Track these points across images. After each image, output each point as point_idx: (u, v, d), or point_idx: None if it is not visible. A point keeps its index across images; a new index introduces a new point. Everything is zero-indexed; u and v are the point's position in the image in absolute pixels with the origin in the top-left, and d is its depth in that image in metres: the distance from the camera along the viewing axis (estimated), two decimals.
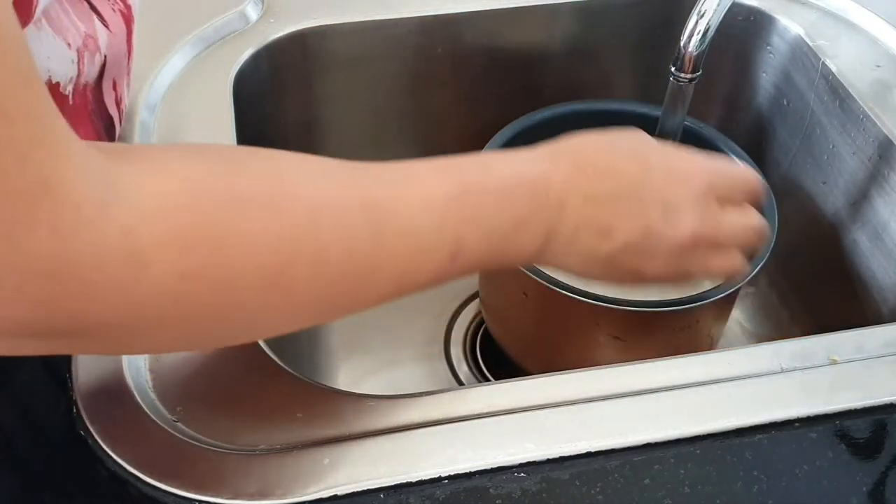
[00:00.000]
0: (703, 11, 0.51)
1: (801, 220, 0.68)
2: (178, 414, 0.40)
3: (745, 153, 0.60)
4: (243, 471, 0.38)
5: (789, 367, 0.43)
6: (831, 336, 0.45)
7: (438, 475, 0.38)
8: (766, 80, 0.71)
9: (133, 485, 0.38)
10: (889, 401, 0.42)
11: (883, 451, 0.40)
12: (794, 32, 0.67)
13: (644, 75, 0.74)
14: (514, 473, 0.38)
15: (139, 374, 0.42)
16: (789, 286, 0.72)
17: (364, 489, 0.37)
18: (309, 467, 0.38)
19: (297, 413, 0.40)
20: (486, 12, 0.68)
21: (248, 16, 0.66)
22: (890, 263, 0.59)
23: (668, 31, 0.69)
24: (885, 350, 0.44)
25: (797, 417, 0.41)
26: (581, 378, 0.43)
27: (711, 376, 0.42)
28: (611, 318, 0.51)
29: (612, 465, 0.39)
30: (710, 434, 0.40)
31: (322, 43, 0.66)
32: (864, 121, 0.60)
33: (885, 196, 0.59)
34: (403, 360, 0.69)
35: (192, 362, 0.43)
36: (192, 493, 0.37)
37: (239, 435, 0.39)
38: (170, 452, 0.39)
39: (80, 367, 0.42)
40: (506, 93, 0.72)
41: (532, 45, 0.71)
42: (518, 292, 0.54)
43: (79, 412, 0.40)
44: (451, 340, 0.70)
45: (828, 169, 0.65)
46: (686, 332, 0.53)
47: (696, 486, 0.38)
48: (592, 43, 0.72)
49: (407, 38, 0.68)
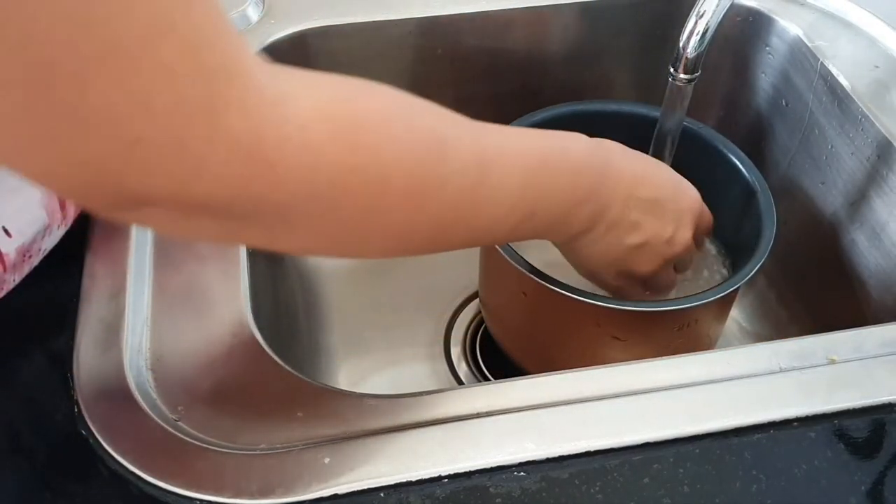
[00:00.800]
0: (702, 12, 0.51)
1: (799, 221, 0.68)
2: (178, 413, 0.41)
3: (744, 154, 0.60)
4: (244, 470, 0.38)
5: (788, 366, 0.43)
6: (830, 336, 0.45)
7: (438, 474, 0.38)
8: (764, 81, 0.71)
9: (134, 484, 0.38)
10: (887, 400, 0.42)
11: (881, 451, 0.40)
12: (793, 33, 0.67)
13: (644, 75, 0.74)
14: (514, 472, 0.38)
15: (140, 374, 0.42)
16: (788, 286, 0.72)
17: (364, 488, 0.38)
18: (309, 466, 0.38)
19: (298, 412, 0.41)
20: (485, 13, 0.68)
21: (248, 17, 0.66)
22: (888, 263, 0.59)
23: (667, 32, 0.69)
24: (883, 350, 0.44)
25: (796, 417, 0.41)
26: (581, 378, 0.43)
27: (710, 376, 0.43)
28: (610, 318, 0.51)
29: (611, 464, 0.39)
30: (709, 433, 0.40)
31: (322, 44, 0.66)
32: (862, 121, 0.60)
33: (883, 196, 0.59)
34: (403, 360, 0.69)
35: (193, 362, 0.43)
36: (193, 493, 0.37)
37: (240, 434, 0.40)
38: (171, 451, 0.39)
39: (82, 367, 0.42)
40: (506, 93, 0.72)
41: (532, 46, 0.71)
42: (518, 292, 0.55)
43: (80, 411, 0.40)
44: (451, 340, 0.70)
45: (826, 169, 0.65)
46: (685, 332, 0.53)
47: (695, 485, 0.38)
48: (592, 43, 0.72)
49: (407, 39, 0.68)
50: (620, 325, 0.52)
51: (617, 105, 0.63)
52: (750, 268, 0.52)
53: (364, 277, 0.75)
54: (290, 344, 0.63)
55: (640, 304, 0.51)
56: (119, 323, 0.45)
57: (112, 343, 0.44)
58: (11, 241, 0.43)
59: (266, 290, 0.57)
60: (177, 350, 0.44)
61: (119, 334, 0.44)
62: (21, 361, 0.44)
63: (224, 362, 0.43)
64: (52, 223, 0.46)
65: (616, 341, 0.53)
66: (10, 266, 0.43)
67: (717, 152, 0.60)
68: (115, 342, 0.44)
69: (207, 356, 0.44)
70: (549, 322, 0.55)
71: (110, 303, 0.46)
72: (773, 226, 0.55)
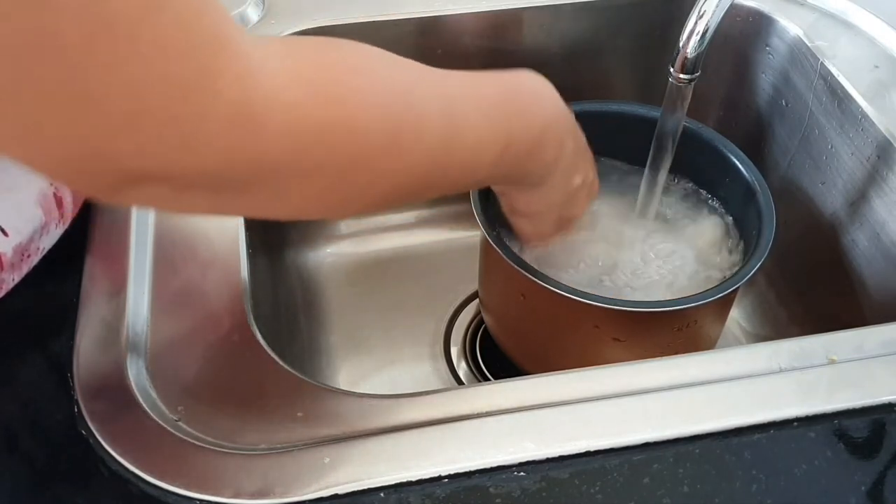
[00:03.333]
0: (702, 12, 0.51)
1: (799, 221, 0.68)
2: (179, 413, 0.41)
3: (744, 154, 0.60)
4: (244, 470, 0.38)
5: (788, 366, 0.43)
6: (830, 336, 0.45)
7: (438, 474, 0.38)
8: (764, 81, 0.71)
9: (134, 484, 0.38)
10: (887, 400, 0.42)
11: (881, 451, 0.40)
12: (793, 33, 0.67)
13: (644, 75, 0.74)
14: (514, 472, 0.38)
15: (140, 374, 0.42)
16: (788, 286, 0.72)
17: (364, 488, 0.38)
18: (309, 466, 0.38)
19: (298, 412, 0.41)
20: (485, 13, 0.68)
21: (248, 17, 0.66)
22: (888, 263, 0.59)
23: (667, 32, 0.69)
24: (883, 350, 0.44)
25: (796, 417, 0.41)
26: (581, 378, 0.43)
27: (710, 376, 0.43)
28: (610, 318, 0.51)
29: (611, 464, 0.39)
30: (709, 433, 0.40)
31: None
32: (862, 121, 0.60)
33: (883, 196, 0.59)
34: (403, 360, 0.69)
35: (193, 362, 0.43)
36: (193, 493, 0.37)
37: (240, 434, 0.40)
38: (171, 451, 0.39)
39: (82, 367, 0.42)
40: None
41: (532, 46, 0.71)
42: (516, 294, 0.55)
43: (80, 411, 0.40)
44: (451, 340, 0.70)
45: (826, 169, 0.65)
46: (685, 333, 0.53)
47: (694, 485, 0.38)
48: (592, 43, 0.72)
49: (407, 38, 0.68)
50: (620, 326, 0.52)
51: (617, 105, 0.63)
52: (750, 268, 0.52)
53: (364, 277, 0.75)
54: (290, 344, 0.63)
55: (639, 304, 0.51)
56: (119, 323, 0.45)
57: (112, 343, 0.44)
58: (8, 240, 0.43)
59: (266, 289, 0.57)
60: (177, 350, 0.44)
61: (119, 334, 0.44)
62: (21, 361, 0.44)
63: (224, 362, 0.43)
64: (49, 221, 0.46)
65: (616, 342, 0.53)
66: (7, 265, 0.43)
67: (717, 152, 0.60)
68: (115, 342, 0.44)
69: (207, 356, 0.44)
70: (548, 323, 0.55)
71: (110, 303, 0.46)
72: (773, 226, 0.55)
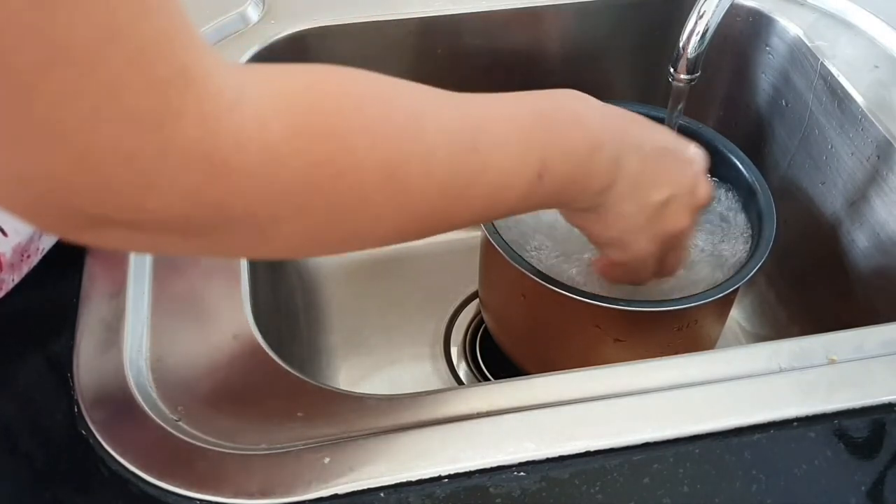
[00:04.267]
0: (702, 12, 0.51)
1: (799, 221, 0.68)
2: (179, 413, 0.41)
3: (744, 154, 0.60)
4: (244, 470, 0.38)
5: (788, 366, 0.43)
6: (830, 336, 0.45)
7: (438, 474, 0.38)
8: (764, 81, 0.71)
9: (134, 484, 0.38)
10: (887, 400, 0.42)
11: (881, 451, 0.40)
12: (793, 33, 0.67)
13: (644, 75, 0.74)
14: (514, 472, 0.38)
15: (140, 374, 0.42)
16: (788, 286, 0.72)
17: (364, 488, 0.38)
18: (309, 466, 0.38)
19: (298, 412, 0.41)
20: (485, 13, 0.68)
21: (248, 17, 0.66)
22: (888, 263, 0.59)
23: (667, 32, 0.69)
24: (883, 350, 0.44)
25: (796, 417, 0.41)
26: (581, 378, 0.43)
27: (710, 376, 0.43)
28: (610, 318, 0.51)
29: (611, 464, 0.39)
30: (709, 433, 0.40)
31: (323, 44, 0.67)
32: (862, 121, 0.60)
33: (883, 196, 0.59)
34: (403, 360, 0.69)
35: (193, 362, 0.43)
36: (193, 493, 0.37)
37: (240, 434, 0.40)
38: (171, 451, 0.39)
39: (82, 367, 0.42)
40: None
41: (532, 46, 0.71)
42: (517, 293, 0.55)
43: (80, 411, 0.40)
44: (451, 340, 0.70)
45: (826, 169, 0.65)
46: (685, 333, 0.53)
47: (694, 485, 0.38)
48: (592, 43, 0.72)
49: (407, 38, 0.68)
50: (620, 326, 0.52)
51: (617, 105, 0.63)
52: (750, 268, 0.52)
53: (364, 277, 0.75)
54: (290, 344, 0.63)
55: (639, 304, 0.51)
56: (119, 323, 0.45)
57: (112, 343, 0.44)
58: (7, 240, 0.43)
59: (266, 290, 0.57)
60: (177, 350, 0.44)
61: (119, 334, 0.44)
62: (21, 362, 0.44)
63: (224, 362, 0.43)
64: None
65: (616, 342, 0.53)
66: (7, 266, 0.43)
67: (717, 152, 0.60)
68: (115, 342, 0.44)
69: (207, 356, 0.44)
70: (548, 323, 0.55)
71: (110, 303, 0.46)
72: (773, 226, 0.55)
